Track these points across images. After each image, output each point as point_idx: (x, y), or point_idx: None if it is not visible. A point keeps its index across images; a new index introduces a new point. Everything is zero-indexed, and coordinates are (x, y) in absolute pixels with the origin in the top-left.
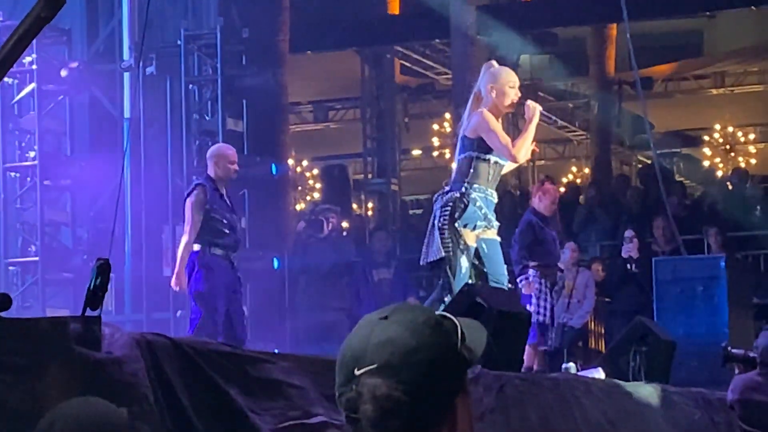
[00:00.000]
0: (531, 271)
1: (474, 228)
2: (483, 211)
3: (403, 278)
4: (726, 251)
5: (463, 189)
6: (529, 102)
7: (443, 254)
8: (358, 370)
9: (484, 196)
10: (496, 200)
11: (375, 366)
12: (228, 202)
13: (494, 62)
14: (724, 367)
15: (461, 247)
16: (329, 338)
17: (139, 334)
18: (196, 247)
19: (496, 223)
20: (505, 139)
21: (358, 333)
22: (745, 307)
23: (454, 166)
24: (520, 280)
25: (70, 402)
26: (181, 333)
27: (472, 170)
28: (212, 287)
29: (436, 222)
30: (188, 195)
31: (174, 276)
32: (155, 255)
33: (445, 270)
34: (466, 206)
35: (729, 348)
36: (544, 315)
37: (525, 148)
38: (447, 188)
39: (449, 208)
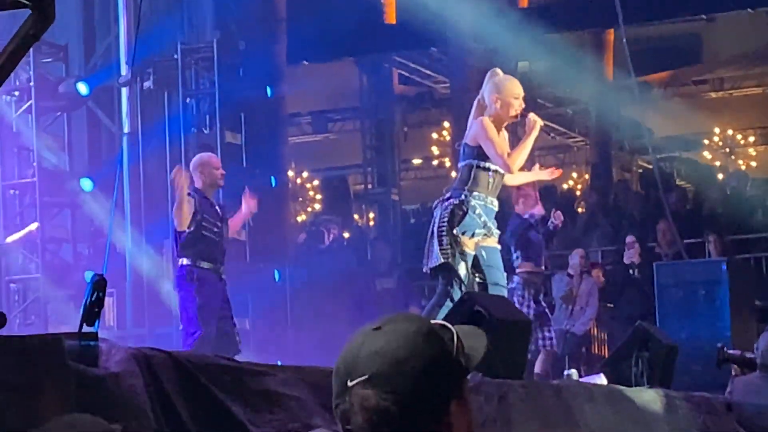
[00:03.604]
0: (516, 278)
1: (473, 235)
2: (482, 219)
3: (406, 287)
4: (726, 257)
5: (463, 196)
6: (531, 115)
7: (442, 260)
8: (350, 381)
9: (483, 204)
10: (496, 208)
11: (366, 377)
12: (219, 210)
13: (498, 70)
14: (720, 369)
15: (460, 254)
16: (333, 349)
17: (137, 349)
18: (185, 261)
19: (496, 231)
20: (501, 148)
21: (352, 344)
22: (748, 309)
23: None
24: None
25: (60, 419)
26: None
27: (471, 178)
28: (204, 302)
29: (435, 229)
30: None
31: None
32: (156, 270)
33: (445, 276)
34: (465, 213)
35: (725, 349)
36: None
37: (521, 159)
38: (447, 195)
39: (448, 215)
